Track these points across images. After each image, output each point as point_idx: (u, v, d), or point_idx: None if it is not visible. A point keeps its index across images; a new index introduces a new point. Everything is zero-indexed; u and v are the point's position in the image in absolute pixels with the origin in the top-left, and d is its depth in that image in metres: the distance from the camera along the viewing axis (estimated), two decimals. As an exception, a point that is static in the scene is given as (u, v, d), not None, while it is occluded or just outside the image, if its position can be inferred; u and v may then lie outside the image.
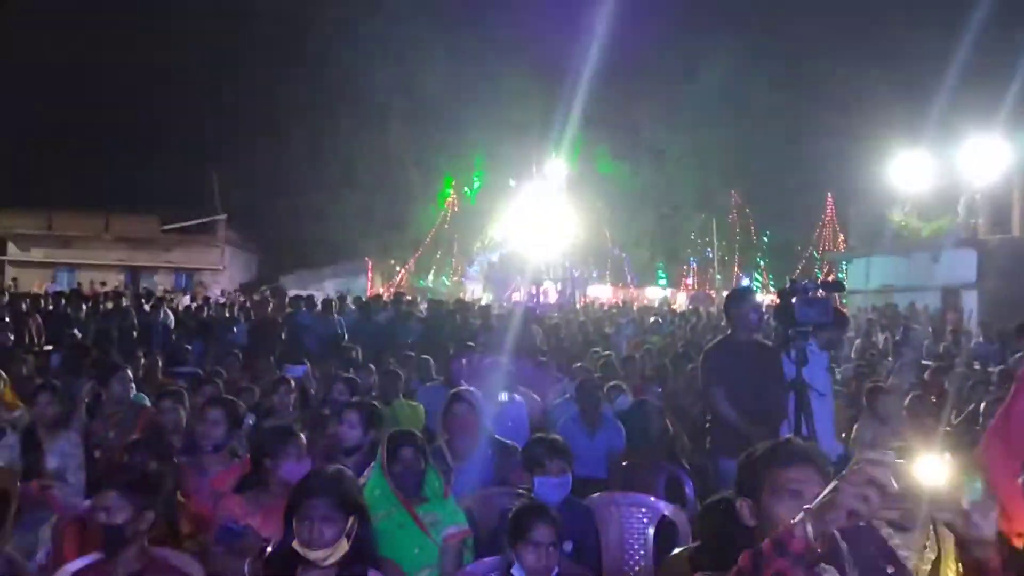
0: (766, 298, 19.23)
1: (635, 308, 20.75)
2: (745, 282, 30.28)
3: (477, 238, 31.63)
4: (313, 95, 32.59)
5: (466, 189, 32.85)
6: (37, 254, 29.42)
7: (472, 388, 4.56)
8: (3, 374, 6.12)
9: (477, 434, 4.16)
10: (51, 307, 12.27)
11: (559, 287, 28.06)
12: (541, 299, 24.81)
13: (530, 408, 6.00)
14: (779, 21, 30.95)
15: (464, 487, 3.78)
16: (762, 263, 33.37)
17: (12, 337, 9.39)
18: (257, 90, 33.69)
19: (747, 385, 4.50)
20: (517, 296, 25.06)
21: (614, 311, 18.92)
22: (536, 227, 28.06)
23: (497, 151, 30.99)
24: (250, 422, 4.97)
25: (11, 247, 29.37)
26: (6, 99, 31.42)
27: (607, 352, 9.03)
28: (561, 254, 28.62)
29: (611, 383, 6.49)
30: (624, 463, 4.94)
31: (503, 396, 5.52)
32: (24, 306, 11.55)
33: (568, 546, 3.11)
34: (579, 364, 7.34)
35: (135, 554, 2.65)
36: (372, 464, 3.59)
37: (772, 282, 30.67)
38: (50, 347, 9.52)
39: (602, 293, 29.15)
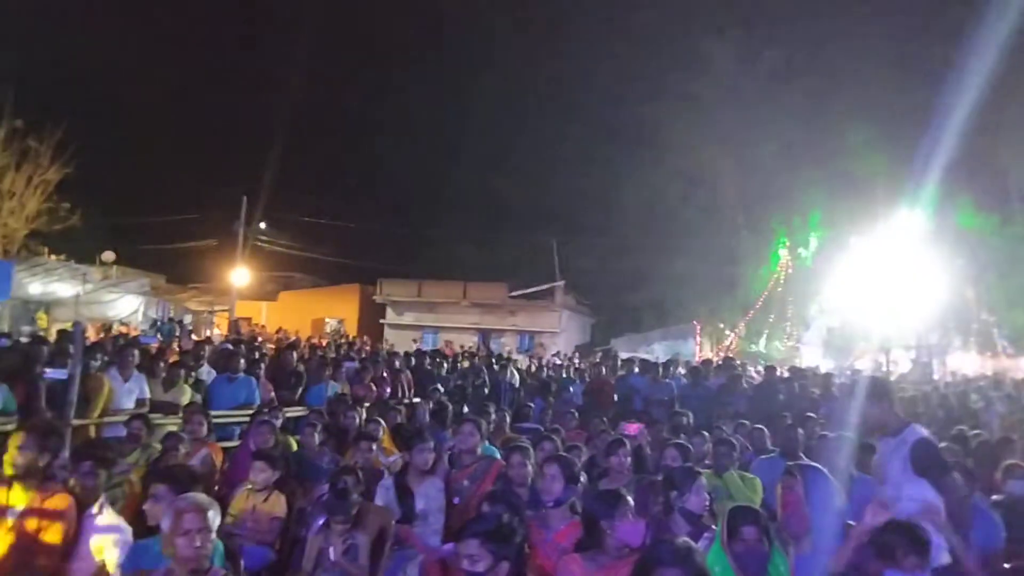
0: None
1: (1009, 381, 17.71)
2: None
3: (814, 301, 29.65)
4: (642, 163, 33.72)
5: (801, 249, 31.15)
6: (408, 318, 33.86)
7: (814, 463, 4.27)
8: (383, 422, 7.11)
9: (822, 514, 3.88)
10: (419, 364, 13.94)
11: (913, 355, 25.05)
12: (891, 368, 22.36)
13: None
14: None
15: (810, 574, 3.52)
16: None
17: (388, 390, 10.90)
18: (592, 165, 35.89)
19: None
20: (861, 364, 22.86)
21: (982, 383, 16.37)
22: (884, 289, 25.53)
23: (836, 207, 28.95)
24: (583, 480, 5.08)
25: (389, 312, 34.24)
26: (384, 194, 37.39)
27: (976, 431, 7.86)
28: (915, 318, 25.62)
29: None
30: (1007, 565, 4.21)
31: (852, 473, 5.05)
32: (397, 363, 13.25)
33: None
34: (943, 444, 6.46)
35: (492, 601, 2.84)
36: (706, 536, 3.52)
37: None
38: (418, 400, 10.74)
39: (966, 363, 25.38)
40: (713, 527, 3.76)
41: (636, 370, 11.65)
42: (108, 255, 26.89)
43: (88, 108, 32.07)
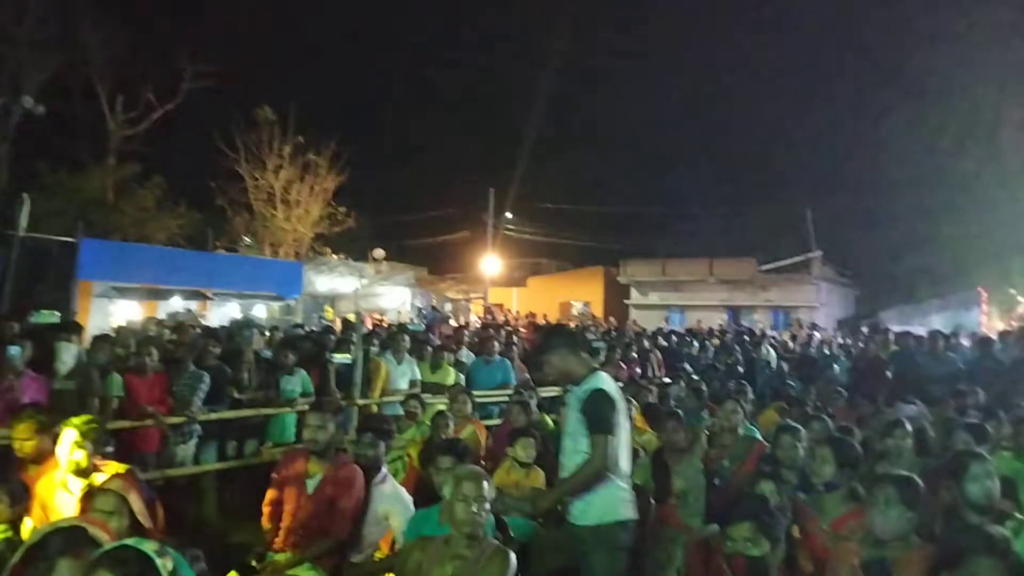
0: None
1: None
2: None
3: None
4: (909, 111, 30.31)
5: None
6: (653, 297, 33.61)
7: None
8: (635, 401, 7.12)
9: None
10: (667, 344, 13.80)
11: None
12: None
13: None
14: None
15: None
16: None
17: (639, 369, 10.90)
18: (850, 117, 33.07)
19: None
20: None
21: None
22: None
23: None
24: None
25: (633, 292, 34.23)
26: (623, 174, 37.27)
27: None
28: None
29: None
30: None
31: None
32: (646, 343, 13.22)
33: None
34: None
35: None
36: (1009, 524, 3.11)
37: None
38: (668, 379, 10.64)
39: None
40: (1016, 515, 3.33)
41: (912, 343, 10.56)
42: (379, 252, 29.82)
43: (355, 121, 35.65)
